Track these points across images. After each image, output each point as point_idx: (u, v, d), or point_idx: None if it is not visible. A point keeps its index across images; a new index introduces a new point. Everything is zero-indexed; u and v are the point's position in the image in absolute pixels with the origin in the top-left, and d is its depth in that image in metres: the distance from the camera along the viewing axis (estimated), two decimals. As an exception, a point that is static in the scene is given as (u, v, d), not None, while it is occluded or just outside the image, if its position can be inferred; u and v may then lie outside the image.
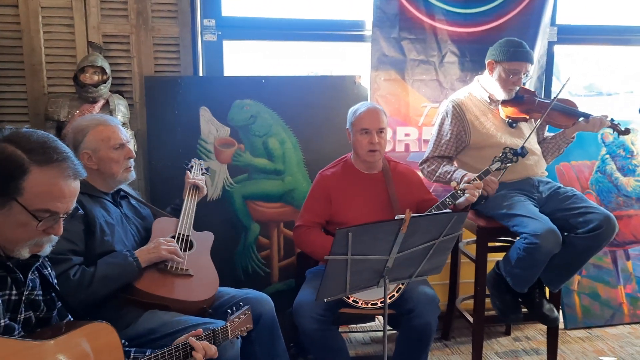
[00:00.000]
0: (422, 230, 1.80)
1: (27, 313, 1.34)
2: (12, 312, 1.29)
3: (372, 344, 2.96)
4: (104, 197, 1.97)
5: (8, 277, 1.27)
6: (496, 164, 2.35)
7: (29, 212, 1.22)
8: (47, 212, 1.24)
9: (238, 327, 1.71)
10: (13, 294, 1.29)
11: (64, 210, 1.27)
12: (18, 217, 1.22)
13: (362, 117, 2.34)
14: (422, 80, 3.09)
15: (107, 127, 1.96)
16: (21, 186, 1.21)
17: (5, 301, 1.27)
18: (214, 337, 1.60)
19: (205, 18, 2.92)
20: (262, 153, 2.91)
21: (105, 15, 2.77)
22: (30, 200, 1.22)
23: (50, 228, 1.26)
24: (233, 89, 2.87)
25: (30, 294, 1.35)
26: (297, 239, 2.41)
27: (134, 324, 1.82)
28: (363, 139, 2.32)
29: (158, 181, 2.79)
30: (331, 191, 2.37)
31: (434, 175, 2.63)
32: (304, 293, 2.20)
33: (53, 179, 1.24)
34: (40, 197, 1.23)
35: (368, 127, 2.31)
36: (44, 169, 1.23)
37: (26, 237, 1.25)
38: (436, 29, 3.05)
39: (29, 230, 1.24)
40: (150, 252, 1.90)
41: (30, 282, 1.34)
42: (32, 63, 2.72)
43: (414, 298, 2.13)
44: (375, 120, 2.32)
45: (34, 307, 1.36)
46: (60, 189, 1.25)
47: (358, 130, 2.33)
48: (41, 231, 1.25)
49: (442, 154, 2.66)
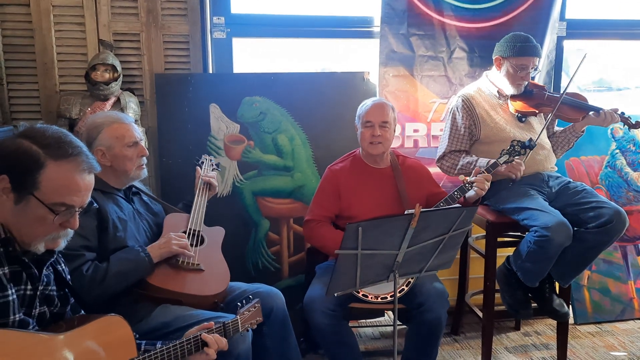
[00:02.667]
0: (432, 225, 1.81)
1: (41, 308, 1.36)
2: (27, 307, 1.31)
3: (381, 339, 2.97)
4: (116, 193, 1.99)
5: (23, 273, 1.30)
6: (504, 157, 2.35)
7: (45, 206, 1.24)
8: (64, 205, 1.26)
9: (248, 319, 1.72)
10: (28, 289, 1.31)
11: (79, 204, 1.30)
12: (35, 212, 1.25)
13: (367, 110, 2.37)
14: (430, 76, 3.09)
15: (121, 125, 1.98)
16: (37, 180, 1.23)
17: (21, 296, 1.29)
18: (225, 330, 1.62)
19: (215, 15, 2.94)
20: (272, 149, 2.93)
21: (116, 14, 2.79)
22: (47, 194, 1.24)
23: (66, 222, 1.29)
24: (242, 86, 2.89)
25: (45, 289, 1.37)
26: (307, 234, 2.42)
27: (147, 318, 1.84)
28: (366, 132, 2.35)
29: (168, 177, 2.81)
30: (340, 186, 2.38)
31: (455, 169, 2.63)
32: (314, 288, 2.21)
33: (69, 172, 1.26)
34: (56, 190, 1.25)
35: (371, 119, 2.34)
36: (59, 163, 1.25)
37: (43, 232, 1.27)
38: (445, 24, 3.05)
39: (46, 224, 1.26)
40: (161, 248, 1.92)
41: (45, 277, 1.36)
42: (44, 61, 2.75)
43: (424, 292, 2.14)
44: (379, 114, 2.34)
45: (49, 303, 1.39)
46: (76, 182, 1.27)
47: (363, 123, 2.37)
48: (58, 225, 1.28)
49: (458, 148, 2.66)
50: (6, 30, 2.71)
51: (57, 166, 1.25)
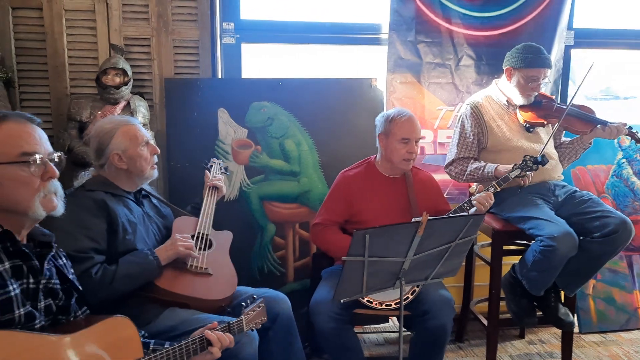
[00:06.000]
0: (439, 233, 1.82)
1: (46, 301, 1.37)
2: (32, 300, 1.33)
3: (385, 345, 2.98)
4: (126, 196, 2.00)
5: (24, 266, 1.32)
6: (516, 171, 2.36)
7: (11, 163, 1.28)
8: (26, 154, 1.30)
9: (253, 319, 1.74)
10: (31, 282, 1.33)
11: (43, 151, 1.33)
12: (9, 176, 1.28)
13: (403, 126, 2.34)
14: (438, 83, 3.11)
15: (131, 126, 2.00)
16: None
17: (24, 290, 1.31)
18: (230, 330, 1.64)
19: (225, 21, 2.97)
20: (279, 154, 2.95)
21: (127, 18, 2.82)
22: (5, 154, 1.28)
23: (45, 173, 1.32)
24: (250, 91, 2.91)
25: (48, 283, 1.38)
26: (314, 237, 2.44)
27: (155, 321, 1.85)
28: (401, 148, 2.34)
29: (177, 181, 2.84)
30: (352, 192, 2.39)
31: (463, 175, 2.65)
32: (320, 292, 2.22)
33: (12, 128, 1.31)
34: (11, 145, 1.29)
35: (409, 136, 2.33)
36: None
37: (31, 192, 1.30)
38: (452, 32, 3.06)
39: (26, 182, 1.30)
40: (168, 250, 1.93)
41: (47, 271, 1.38)
42: (55, 65, 2.78)
43: (430, 300, 2.15)
44: (416, 130, 2.36)
45: (53, 296, 1.40)
46: (22, 131, 1.32)
47: (398, 138, 2.34)
48: (39, 179, 1.31)
49: (467, 155, 2.67)
50: (19, 33, 2.75)
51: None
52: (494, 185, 2.30)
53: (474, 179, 2.62)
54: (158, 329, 1.82)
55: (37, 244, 1.39)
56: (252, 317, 1.73)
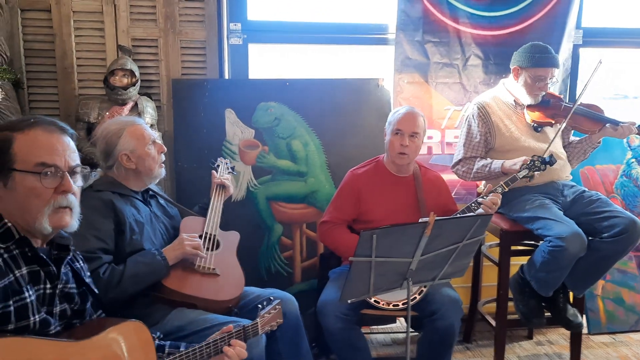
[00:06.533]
0: (446, 234, 1.82)
1: (62, 305, 1.37)
2: (48, 305, 1.33)
3: (393, 345, 2.98)
4: (134, 196, 2.01)
5: (41, 272, 1.31)
6: (523, 171, 2.35)
7: (28, 172, 1.27)
8: (44, 165, 1.28)
9: (268, 322, 1.73)
10: (47, 287, 1.33)
11: (63, 164, 1.31)
12: (24, 184, 1.27)
13: (399, 119, 2.37)
14: (445, 83, 3.10)
15: (137, 126, 2.01)
16: (12, 154, 1.27)
17: (41, 295, 1.31)
18: (245, 334, 1.64)
19: (232, 22, 2.98)
20: (286, 155, 2.95)
21: (135, 20, 2.83)
22: (24, 162, 1.27)
23: (59, 186, 1.30)
24: (258, 91, 2.92)
25: (65, 287, 1.38)
26: (322, 235, 2.43)
27: (162, 321, 1.86)
28: (395, 140, 2.35)
29: (184, 181, 2.84)
30: (361, 190, 2.39)
31: (470, 174, 2.64)
32: (328, 292, 2.22)
33: (37, 136, 1.30)
34: (31, 154, 1.28)
35: (401, 128, 2.34)
36: (25, 132, 1.29)
37: (42, 203, 1.28)
38: (460, 32, 3.05)
39: (39, 194, 1.27)
40: (175, 249, 1.93)
41: (64, 275, 1.38)
42: (63, 66, 2.80)
43: (437, 300, 2.14)
44: (410, 124, 2.34)
45: (69, 300, 1.40)
46: (47, 141, 1.30)
47: (392, 130, 2.37)
48: (52, 191, 1.29)
49: (473, 154, 2.66)
50: (27, 35, 2.77)
51: (25, 135, 1.29)
52: (501, 186, 2.29)
53: (481, 177, 2.61)
54: (166, 329, 1.83)
55: (55, 247, 1.39)
56: (268, 320, 1.73)
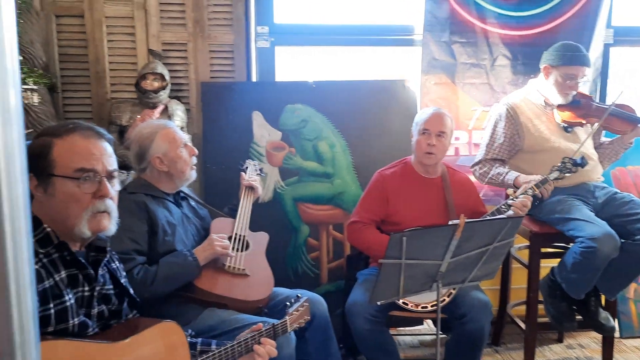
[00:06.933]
0: (476, 236, 1.81)
1: (100, 307, 1.41)
2: (86, 307, 1.37)
3: (420, 347, 2.97)
4: (166, 198, 2.05)
5: (79, 275, 1.35)
6: (554, 173, 2.32)
7: (68, 177, 1.29)
8: (83, 170, 1.30)
9: (296, 319, 1.75)
10: (86, 290, 1.37)
11: (101, 169, 1.33)
12: (63, 189, 1.29)
13: (426, 119, 2.37)
14: (472, 83, 3.08)
15: (169, 129, 2.06)
16: (51, 160, 1.30)
17: (79, 298, 1.34)
18: (274, 332, 1.66)
19: (259, 25, 3.00)
20: (312, 156, 2.96)
21: (165, 24, 2.89)
22: (64, 167, 1.30)
23: (98, 191, 1.32)
24: (284, 93, 2.94)
25: (102, 289, 1.42)
26: (351, 235, 2.43)
27: (194, 321, 1.89)
28: (422, 140, 2.35)
29: (212, 183, 2.88)
30: (389, 191, 2.39)
31: (486, 177, 2.62)
32: (356, 294, 2.23)
33: (75, 142, 1.32)
34: (70, 159, 1.30)
35: (428, 128, 2.34)
36: (64, 138, 1.32)
37: (80, 208, 1.30)
38: (488, 32, 3.03)
39: (79, 199, 1.30)
40: (205, 250, 1.96)
41: (101, 277, 1.42)
42: (96, 70, 2.86)
43: (467, 303, 2.13)
44: (437, 123, 2.34)
45: (106, 301, 1.44)
46: (85, 147, 1.33)
47: (419, 130, 2.36)
48: (90, 196, 1.31)
49: (495, 156, 2.64)
50: (62, 40, 2.84)
51: (63, 140, 1.31)
52: (532, 188, 2.27)
53: (494, 184, 2.60)
54: (198, 329, 1.86)
55: (93, 249, 1.42)
56: (296, 317, 1.75)
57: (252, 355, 1.59)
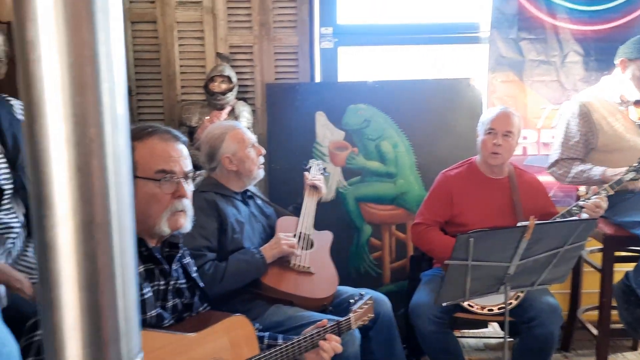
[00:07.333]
0: (547, 238, 1.76)
1: (174, 300, 1.49)
2: (162, 300, 1.45)
3: (485, 350, 2.91)
4: (234, 197, 2.12)
5: (155, 269, 1.43)
6: (630, 174, 2.22)
7: (149, 179, 1.36)
8: (163, 172, 1.38)
9: (360, 317, 1.77)
10: (161, 284, 1.44)
11: (179, 170, 1.40)
12: (144, 190, 1.36)
13: (492, 118, 2.33)
14: (541, 81, 2.99)
15: (239, 130, 2.13)
16: (133, 161, 1.36)
17: (156, 291, 1.42)
18: (339, 328, 1.68)
19: (323, 26, 3.04)
20: (375, 156, 2.96)
21: (232, 28, 2.97)
22: (145, 169, 1.37)
23: (176, 191, 1.39)
24: (347, 93, 2.96)
25: (176, 283, 1.50)
26: (415, 237, 2.42)
27: (261, 316, 1.95)
28: (488, 140, 2.31)
29: (277, 183, 2.94)
30: (453, 192, 2.36)
31: (566, 177, 2.54)
32: (420, 295, 2.22)
33: (155, 144, 1.39)
34: (151, 161, 1.37)
35: (495, 127, 2.29)
36: (144, 141, 1.39)
37: (160, 208, 1.38)
38: (558, 28, 2.93)
39: (159, 200, 1.38)
40: (272, 248, 2.02)
41: (175, 272, 1.50)
42: (167, 73, 2.99)
43: (536, 306, 2.08)
44: (504, 122, 2.29)
45: (180, 295, 1.51)
46: (164, 149, 1.40)
47: (485, 130, 2.33)
48: (170, 196, 1.39)
49: (571, 155, 2.55)
50: (137, 45, 2.98)
51: (143, 143, 1.38)
52: (606, 189, 2.18)
53: (579, 182, 2.50)
54: (265, 324, 1.91)
55: (167, 244, 1.50)
56: (360, 315, 1.77)
57: (318, 351, 1.62)
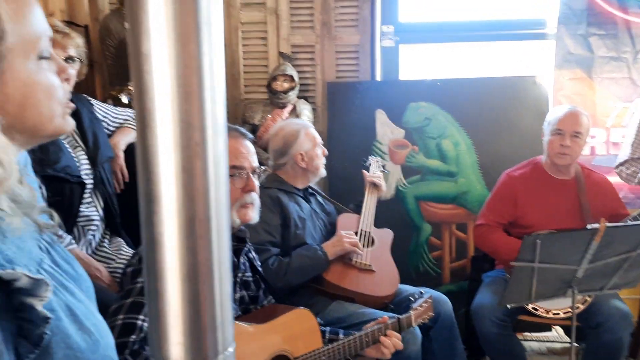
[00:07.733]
0: (618, 242, 1.71)
1: (241, 292, 1.55)
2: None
3: (548, 354, 2.84)
4: (297, 193, 2.17)
5: None
6: None
7: None
8: (235, 167, 1.46)
9: (421, 314, 1.78)
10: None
11: (248, 165, 1.48)
12: None
13: (560, 118, 2.27)
14: (612, 78, 2.87)
15: (311, 129, 2.21)
16: None
17: None
18: (400, 325, 1.70)
19: (384, 25, 3.04)
20: (436, 155, 2.94)
21: (294, 27, 3.02)
22: None
23: (246, 185, 1.47)
24: (408, 92, 2.95)
25: (243, 276, 1.56)
26: (478, 238, 2.40)
27: (323, 312, 1.98)
28: (555, 140, 2.25)
29: (337, 180, 2.96)
30: (517, 193, 2.32)
31: (635, 178, 2.44)
32: (482, 296, 2.20)
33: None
34: None
35: (562, 128, 2.24)
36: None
37: (232, 201, 1.45)
38: (630, 23, 2.81)
39: (231, 193, 1.42)
40: (335, 245, 2.05)
41: (242, 265, 1.56)
42: (232, 73, 3.07)
43: (605, 312, 2.02)
44: (573, 123, 2.23)
45: (246, 287, 1.58)
46: (234, 146, 1.48)
47: (552, 130, 2.27)
48: (240, 190, 1.46)
49: None
50: (204, 46, 3.08)
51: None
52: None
53: None
54: (327, 320, 1.94)
55: (234, 238, 1.56)
56: (420, 313, 1.78)
57: (378, 346, 1.64)
